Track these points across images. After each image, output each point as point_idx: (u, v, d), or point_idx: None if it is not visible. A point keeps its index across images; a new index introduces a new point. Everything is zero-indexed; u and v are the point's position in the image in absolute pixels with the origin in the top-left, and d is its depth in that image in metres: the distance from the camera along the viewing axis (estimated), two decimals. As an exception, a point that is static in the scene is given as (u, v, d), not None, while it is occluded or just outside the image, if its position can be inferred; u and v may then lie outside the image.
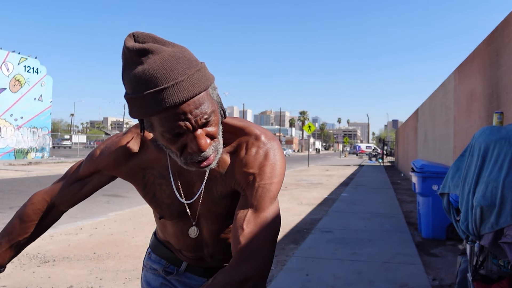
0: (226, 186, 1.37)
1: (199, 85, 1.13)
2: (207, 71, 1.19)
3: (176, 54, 1.13)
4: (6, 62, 27.85)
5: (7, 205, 10.33)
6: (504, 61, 6.33)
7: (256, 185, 1.28)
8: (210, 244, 1.52)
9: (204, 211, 1.44)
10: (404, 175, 23.46)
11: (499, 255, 2.67)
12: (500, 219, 2.56)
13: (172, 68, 1.10)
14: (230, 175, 1.35)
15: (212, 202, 1.41)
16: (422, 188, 7.15)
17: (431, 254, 6.21)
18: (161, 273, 1.65)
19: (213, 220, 1.46)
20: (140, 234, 7.12)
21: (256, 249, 1.19)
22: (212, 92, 1.22)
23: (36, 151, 30.56)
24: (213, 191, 1.39)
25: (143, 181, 1.45)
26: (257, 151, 1.32)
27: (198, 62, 1.18)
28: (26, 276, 4.88)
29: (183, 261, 1.61)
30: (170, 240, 1.60)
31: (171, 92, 1.09)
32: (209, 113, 1.17)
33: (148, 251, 1.72)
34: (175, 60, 1.11)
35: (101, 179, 1.52)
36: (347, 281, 4.79)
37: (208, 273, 1.60)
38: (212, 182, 1.38)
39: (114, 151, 1.44)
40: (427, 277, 5.03)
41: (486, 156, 2.77)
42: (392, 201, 11.89)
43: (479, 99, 7.79)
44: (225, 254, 1.54)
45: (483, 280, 2.84)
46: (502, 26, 6.57)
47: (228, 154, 1.36)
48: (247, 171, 1.30)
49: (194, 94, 1.12)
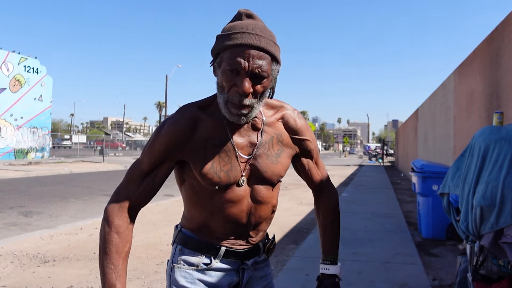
0: (283, 146, 1.66)
1: (270, 48, 1.43)
2: (279, 53, 1.49)
3: (267, 28, 1.48)
4: (6, 62, 27.83)
5: (7, 205, 10.33)
6: (504, 61, 6.33)
7: (312, 147, 1.76)
8: (256, 208, 1.63)
9: (257, 170, 1.60)
10: (404, 175, 23.46)
11: (499, 255, 2.67)
12: (500, 219, 2.56)
13: (260, 28, 1.44)
14: (286, 136, 1.67)
15: (269, 159, 1.62)
16: (422, 188, 7.14)
17: (431, 254, 6.21)
18: (199, 267, 1.62)
19: (264, 179, 1.62)
20: (140, 234, 7.12)
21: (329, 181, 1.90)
22: (274, 67, 1.48)
23: (36, 151, 30.54)
24: (270, 150, 1.63)
25: (204, 152, 1.54)
26: (304, 122, 1.72)
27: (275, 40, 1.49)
28: (26, 276, 4.88)
29: (221, 247, 1.63)
30: (215, 219, 1.60)
31: (249, 36, 1.41)
32: (264, 71, 1.42)
33: (179, 248, 1.67)
34: (264, 28, 1.46)
35: (168, 166, 1.58)
36: (347, 281, 4.79)
37: (243, 255, 1.66)
38: (268, 143, 1.62)
39: (175, 134, 1.53)
40: (427, 277, 5.03)
41: (486, 156, 2.77)
42: (392, 201, 11.89)
43: (479, 99, 7.79)
44: (263, 223, 1.69)
45: (483, 280, 2.84)
46: (502, 26, 6.58)
47: (278, 121, 1.66)
48: (306, 139, 1.72)
49: (264, 48, 1.42)
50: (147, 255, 5.86)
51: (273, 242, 1.79)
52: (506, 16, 6.33)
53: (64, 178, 17.71)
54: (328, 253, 1.83)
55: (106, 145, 40.51)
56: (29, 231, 7.47)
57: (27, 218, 8.72)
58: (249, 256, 1.68)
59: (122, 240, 1.49)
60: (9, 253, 5.77)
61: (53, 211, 9.64)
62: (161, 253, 5.96)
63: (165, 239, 6.77)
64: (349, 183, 17.48)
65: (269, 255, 1.79)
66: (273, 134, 1.63)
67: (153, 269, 5.22)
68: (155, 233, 7.27)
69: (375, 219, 8.92)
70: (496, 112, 3.42)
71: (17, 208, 9.85)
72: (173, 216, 8.93)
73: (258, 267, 1.73)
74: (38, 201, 11.10)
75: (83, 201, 11.40)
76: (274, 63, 1.47)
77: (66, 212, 9.65)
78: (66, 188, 14.22)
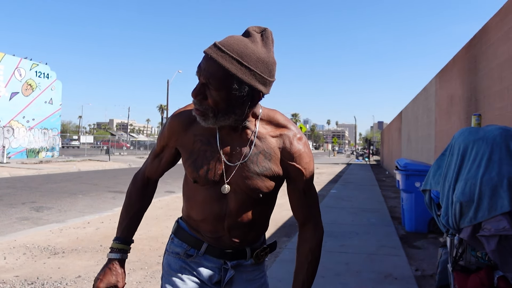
0: (271, 164, 1.53)
1: (226, 64, 1.32)
2: (255, 80, 1.36)
3: (250, 47, 1.35)
4: (18, 68, 27.71)
5: (19, 200, 10.28)
6: (482, 67, 6.35)
7: (302, 176, 1.57)
8: (233, 214, 1.57)
9: (238, 179, 1.53)
10: (389, 173, 23.50)
11: (477, 247, 2.67)
12: (478, 214, 2.56)
13: (233, 45, 1.34)
14: (276, 157, 1.54)
15: (251, 173, 1.52)
16: (405, 185, 7.15)
17: (414, 247, 6.22)
18: (182, 256, 1.67)
19: (243, 191, 1.54)
20: (143, 227, 7.10)
21: (316, 217, 1.65)
22: (235, 86, 1.34)
23: (46, 150, 30.40)
24: (256, 164, 1.52)
25: (192, 146, 1.57)
26: (302, 149, 1.56)
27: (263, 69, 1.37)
28: (37, 267, 4.86)
29: (204, 243, 1.64)
30: (195, 212, 1.63)
31: (212, 47, 1.34)
32: (213, 82, 1.33)
33: (171, 237, 1.75)
34: (242, 46, 1.34)
35: (170, 152, 1.69)
36: (335, 272, 4.79)
37: (225, 255, 1.64)
38: (256, 156, 1.52)
39: (175, 124, 1.61)
40: (410, 268, 5.03)
41: (465, 155, 2.77)
42: (378, 197, 11.89)
43: (458, 102, 7.80)
44: (242, 231, 1.60)
45: (462, 270, 2.84)
46: (480, 34, 6.59)
47: (274, 138, 1.54)
48: (298, 167, 1.55)
49: (219, 62, 1.31)
50: (149, 247, 5.84)
51: (265, 250, 1.71)
52: (484, 25, 6.35)
53: (72, 176, 17.65)
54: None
55: (112, 145, 40.39)
56: (40, 225, 7.44)
57: (38, 213, 8.68)
58: (232, 258, 1.64)
59: (130, 203, 1.75)
60: (21, 246, 5.74)
61: (62, 207, 9.60)
62: (162, 245, 5.94)
63: (166, 232, 6.75)
64: (338, 180, 17.49)
65: (259, 262, 1.70)
66: (262, 149, 1.53)
67: (156, 261, 5.20)
68: (157, 227, 7.25)
69: (362, 213, 8.92)
70: (474, 114, 3.42)
71: (29, 204, 9.80)
72: (173, 211, 8.92)
73: (244, 270, 1.67)
74: (48, 197, 11.06)
75: (90, 197, 11.36)
76: (235, 82, 1.34)
77: (74, 207, 9.61)
78: (75, 185, 14.16)
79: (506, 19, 5.34)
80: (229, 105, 1.39)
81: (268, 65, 1.38)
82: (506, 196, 2.48)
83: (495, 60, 5.72)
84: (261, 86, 1.38)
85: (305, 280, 1.62)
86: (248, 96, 1.39)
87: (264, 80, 1.38)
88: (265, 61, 1.37)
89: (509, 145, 2.62)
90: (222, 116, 1.41)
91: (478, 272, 2.72)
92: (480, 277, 2.67)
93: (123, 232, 1.71)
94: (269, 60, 1.38)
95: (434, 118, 10.38)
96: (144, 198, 1.79)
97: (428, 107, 11.33)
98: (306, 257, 1.62)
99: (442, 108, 9.36)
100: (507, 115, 5.11)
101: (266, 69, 1.37)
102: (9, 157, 26.16)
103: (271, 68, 1.40)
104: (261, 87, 1.39)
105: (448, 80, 8.83)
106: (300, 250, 1.65)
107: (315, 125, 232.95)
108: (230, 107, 1.39)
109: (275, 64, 1.43)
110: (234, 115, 1.42)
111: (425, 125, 11.78)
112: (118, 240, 1.69)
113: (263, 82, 1.38)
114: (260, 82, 1.37)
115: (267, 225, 1.73)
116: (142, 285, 4.36)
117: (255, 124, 1.54)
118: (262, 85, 1.39)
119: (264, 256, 1.70)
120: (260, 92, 1.40)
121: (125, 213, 1.75)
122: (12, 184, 13.84)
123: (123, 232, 1.71)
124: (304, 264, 1.62)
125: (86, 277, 4.56)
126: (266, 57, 1.37)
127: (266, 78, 1.39)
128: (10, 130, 27.17)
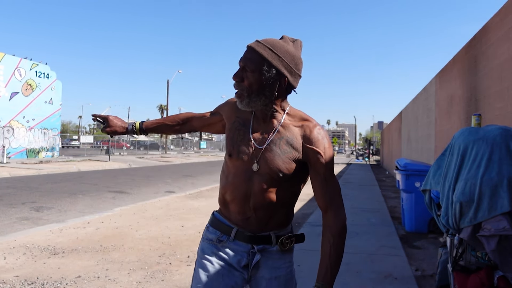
0: (291, 149, 1.73)
1: (261, 51, 1.64)
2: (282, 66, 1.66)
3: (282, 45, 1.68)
4: (18, 68, 27.70)
5: (19, 200, 10.28)
6: (482, 67, 6.35)
7: (321, 160, 1.72)
8: (257, 193, 1.74)
9: (262, 160, 1.73)
10: (388, 173, 23.50)
11: (477, 247, 2.67)
12: (478, 214, 2.56)
13: (270, 41, 1.68)
14: (297, 142, 1.73)
15: (273, 154, 1.72)
16: (405, 185, 7.15)
17: (414, 246, 6.22)
18: (215, 242, 1.84)
19: (266, 172, 1.72)
20: (144, 228, 7.10)
21: (338, 204, 1.74)
22: (264, 68, 1.65)
23: (46, 150, 30.38)
24: (278, 147, 1.73)
25: (231, 125, 1.87)
26: (321, 137, 1.74)
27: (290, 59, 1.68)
28: (37, 266, 4.86)
29: (234, 228, 1.81)
30: (228, 194, 1.82)
31: (252, 42, 1.70)
32: (249, 64, 1.65)
33: (207, 226, 1.92)
34: (275, 42, 1.68)
35: (216, 117, 2.02)
36: (336, 271, 4.78)
37: (252, 240, 1.78)
38: (280, 140, 1.74)
39: (230, 104, 1.93)
40: (410, 268, 5.03)
41: (465, 155, 2.77)
42: (378, 197, 11.90)
43: (458, 102, 7.80)
44: (266, 212, 1.76)
45: (462, 270, 2.84)
46: (480, 34, 6.59)
47: (296, 128, 1.76)
48: (317, 150, 1.72)
49: (254, 49, 1.65)
50: (149, 247, 5.84)
51: (291, 238, 1.81)
52: (484, 25, 6.35)
53: (72, 176, 17.64)
54: (321, 279, 1.65)
55: (112, 145, 40.31)
56: (40, 225, 7.44)
57: (38, 213, 8.68)
58: (259, 242, 1.78)
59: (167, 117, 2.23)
60: (21, 245, 5.74)
61: (62, 206, 9.60)
62: (162, 245, 5.94)
63: (166, 232, 6.76)
64: (338, 180, 17.44)
65: (283, 249, 1.79)
66: (285, 135, 1.74)
67: (156, 260, 5.20)
68: (157, 227, 7.25)
69: (362, 213, 8.93)
70: (474, 114, 3.42)
71: (29, 204, 9.80)
72: (174, 211, 8.92)
73: (269, 256, 1.79)
74: (48, 197, 11.06)
75: (90, 197, 11.36)
76: (266, 65, 1.64)
77: (74, 207, 9.61)
78: (75, 185, 14.16)
79: (506, 19, 5.34)
80: (260, 86, 1.66)
81: (294, 58, 1.69)
82: (506, 196, 2.47)
83: (495, 60, 5.72)
84: (286, 73, 1.67)
85: (328, 267, 1.66)
86: (275, 79, 1.67)
87: (290, 68, 1.68)
88: (292, 54, 1.68)
89: (509, 145, 2.62)
90: (255, 96, 1.68)
91: (478, 272, 2.71)
92: (480, 277, 2.67)
93: (148, 122, 2.21)
94: (296, 55, 1.69)
95: (434, 118, 10.38)
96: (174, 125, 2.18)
97: (428, 107, 11.33)
98: (329, 243, 1.69)
99: (442, 108, 9.36)
100: (507, 115, 5.12)
101: (292, 60, 1.68)
102: (9, 157, 26.14)
103: (297, 62, 1.70)
104: (286, 73, 1.67)
105: (448, 80, 8.83)
106: (323, 237, 1.73)
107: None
108: (261, 88, 1.67)
109: (302, 62, 1.73)
110: (264, 97, 1.69)
111: (425, 125, 11.78)
112: (141, 122, 2.20)
113: (289, 70, 1.68)
114: (286, 69, 1.67)
115: (291, 214, 1.88)
116: (142, 285, 4.36)
117: (282, 116, 1.77)
118: (288, 73, 1.68)
119: (289, 244, 1.81)
120: (286, 78, 1.68)
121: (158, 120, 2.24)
122: (12, 184, 13.84)
123: (148, 122, 2.21)
124: (327, 250, 1.68)
125: (86, 277, 4.56)
126: (293, 52, 1.69)
127: (292, 68, 1.68)
128: (10, 130, 27.17)
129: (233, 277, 1.78)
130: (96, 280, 4.47)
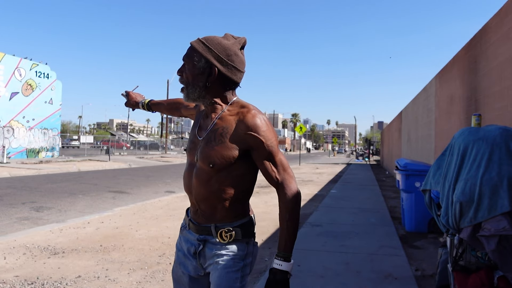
0: (226, 138, 1.77)
1: (195, 45, 1.78)
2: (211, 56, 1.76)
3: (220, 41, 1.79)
4: (18, 68, 27.69)
5: (19, 200, 10.28)
6: (482, 67, 6.35)
7: (263, 145, 1.76)
8: (195, 186, 1.84)
9: (200, 153, 1.82)
10: (388, 173, 23.49)
11: (477, 247, 2.67)
12: (478, 214, 2.56)
13: (208, 36, 1.81)
14: (234, 131, 1.78)
15: (208, 146, 1.80)
16: (405, 185, 7.15)
17: (414, 246, 6.22)
18: (181, 230, 2.02)
19: (200, 163, 1.82)
20: (143, 227, 7.10)
21: (288, 181, 1.83)
22: (197, 59, 1.77)
23: (46, 150, 30.38)
24: (213, 138, 1.80)
25: (194, 121, 2.05)
26: (257, 121, 1.77)
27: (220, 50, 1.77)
28: (37, 266, 4.86)
29: (189, 218, 1.96)
30: (183, 184, 1.96)
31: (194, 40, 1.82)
32: (185, 59, 1.81)
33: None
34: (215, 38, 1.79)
35: (193, 110, 2.18)
36: (335, 272, 4.79)
37: (198, 230, 1.88)
38: (215, 131, 1.81)
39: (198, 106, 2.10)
40: (410, 268, 5.03)
41: (465, 155, 2.77)
42: (378, 197, 11.89)
43: (458, 102, 7.80)
44: (208, 205, 1.84)
45: (462, 270, 2.84)
46: (480, 34, 6.59)
47: (232, 116, 1.81)
48: (254, 134, 1.75)
49: (191, 44, 1.80)
50: (149, 247, 5.84)
51: (230, 232, 1.83)
52: (484, 25, 6.35)
53: (72, 176, 17.64)
54: (282, 249, 1.78)
55: (112, 145, 40.33)
56: (40, 225, 7.44)
57: (38, 213, 8.68)
58: (202, 233, 1.87)
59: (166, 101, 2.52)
60: (21, 245, 5.74)
61: (62, 206, 9.60)
62: (163, 245, 5.94)
63: (166, 232, 6.75)
64: (338, 180, 17.49)
65: (223, 241, 1.83)
66: (221, 126, 1.81)
67: (156, 260, 5.20)
68: (157, 227, 7.25)
69: (362, 213, 8.92)
70: (474, 114, 3.42)
71: (29, 204, 9.80)
72: (174, 211, 8.92)
73: (212, 246, 1.85)
74: (48, 197, 11.05)
75: (90, 197, 11.36)
76: (196, 55, 1.77)
77: (74, 207, 9.61)
78: (75, 185, 14.16)
79: (506, 19, 5.34)
80: (194, 76, 1.79)
81: (226, 50, 1.77)
82: (506, 196, 2.48)
83: (495, 60, 5.72)
84: (216, 62, 1.76)
85: (287, 239, 1.79)
86: (205, 68, 1.77)
87: (220, 58, 1.76)
88: (224, 46, 1.77)
89: (509, 145, 2.62)
90: (191, 88, 1.81)
91: (478, 272, 2.71)
92: (480, 277, 2.67)
93: (154, 101, 2.57)
94: (230, 47, 1.77)
95: (434, 118, 10.38)
96: (170, 108, 2.46)
97: (428, 107, 11.33)
98: (284, 218, 1.80)
99: (442, 108, 9.36)
100: (507, 115, 5.11)
101: (223, 51, 1.76)
102: (9, 157, 26.14)
103: (229, 53, 1.77)
104: (216, 63, 1.76)
105: (448, 80, 8.83)
106: (280, 213, 1.83)
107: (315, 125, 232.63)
108: (195, 78, 1.79)
109: (238, 56, 1.80)
110: (199, 88, 1.80)
111: (425, 125, 11.77)
112: (150, 100, 2.56)
113: (219, 60, 1.76)
114: (216, 59, 1.76)
115: (238, 208, 1.87)
116: (142, 285, 4.36)
117: (223, 109, 1.85)
118: (218, 62, 1.77)
119: (227, 238, 1.83)
120: (215, 67, 1.76)
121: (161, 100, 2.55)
122: (12, 184, 13.84)
123: (154, 101, 2.57)
124: (284, 224, 1.80)
125: (86, 277, 4.56)
126: (227, 44, 1.78)
127: (222, 58, 1.76)
128: (10, 130, 27.16)
129: (186, 265, 1.94)
130: (96, 280, 4.47)
